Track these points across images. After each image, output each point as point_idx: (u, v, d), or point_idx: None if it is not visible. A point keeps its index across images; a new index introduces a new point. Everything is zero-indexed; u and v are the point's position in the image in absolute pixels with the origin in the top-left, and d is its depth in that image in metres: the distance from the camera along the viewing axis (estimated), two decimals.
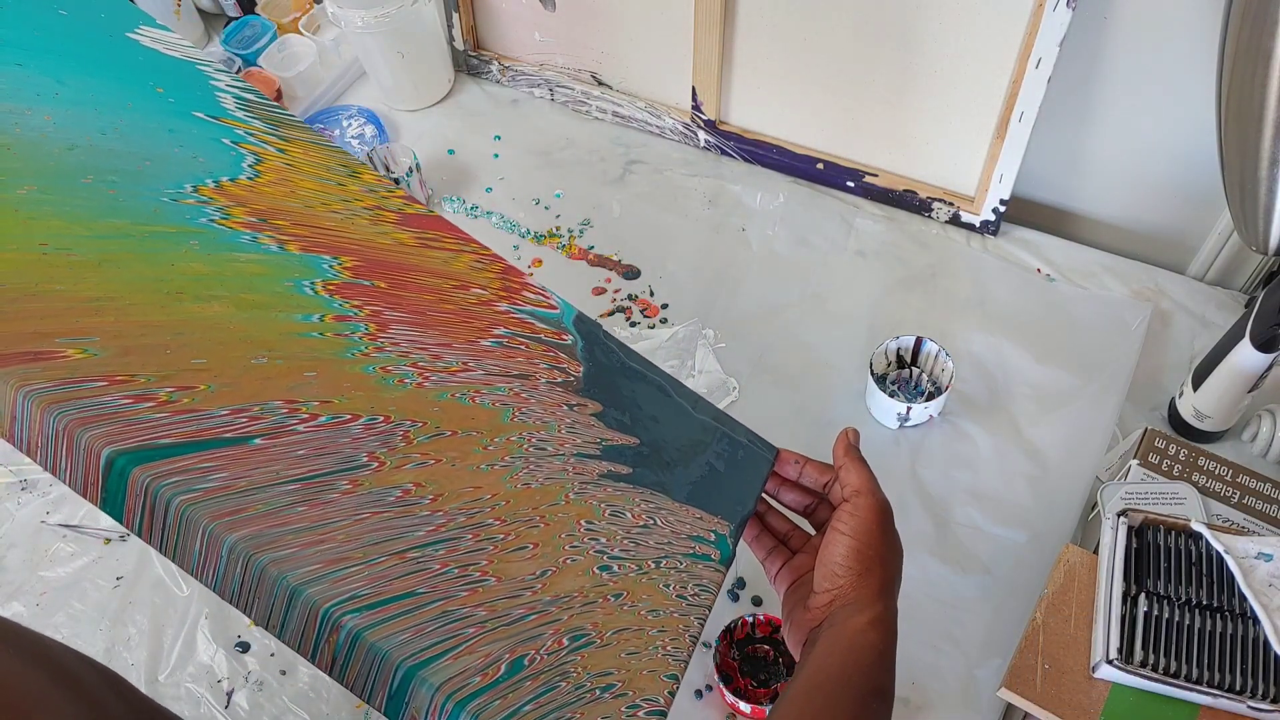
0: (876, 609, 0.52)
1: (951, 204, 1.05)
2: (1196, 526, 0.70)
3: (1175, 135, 0.94)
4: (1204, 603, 0.67)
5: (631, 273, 1.06)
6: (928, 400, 0.90)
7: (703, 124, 1.15)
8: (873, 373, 0.90)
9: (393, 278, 0.57)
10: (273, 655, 0.83)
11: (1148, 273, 1.02)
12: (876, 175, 1.08)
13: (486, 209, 1.13)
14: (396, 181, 1.06)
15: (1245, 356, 0.79)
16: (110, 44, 0.59)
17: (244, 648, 0.83)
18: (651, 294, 1.04)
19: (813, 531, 0.61)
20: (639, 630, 0.50)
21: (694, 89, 1.12)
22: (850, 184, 1.10)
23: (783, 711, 0.50)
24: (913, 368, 0.94)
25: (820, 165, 1.10)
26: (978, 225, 1.05)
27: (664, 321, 1.02)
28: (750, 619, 0.77)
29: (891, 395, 0.90)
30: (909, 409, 0.89)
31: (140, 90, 0.58)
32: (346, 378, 0.51)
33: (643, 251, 1.08)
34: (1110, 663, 0.65)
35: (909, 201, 1.08)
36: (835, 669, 0.51)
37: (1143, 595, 0.68)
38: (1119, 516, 0.72)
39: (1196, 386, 0.85)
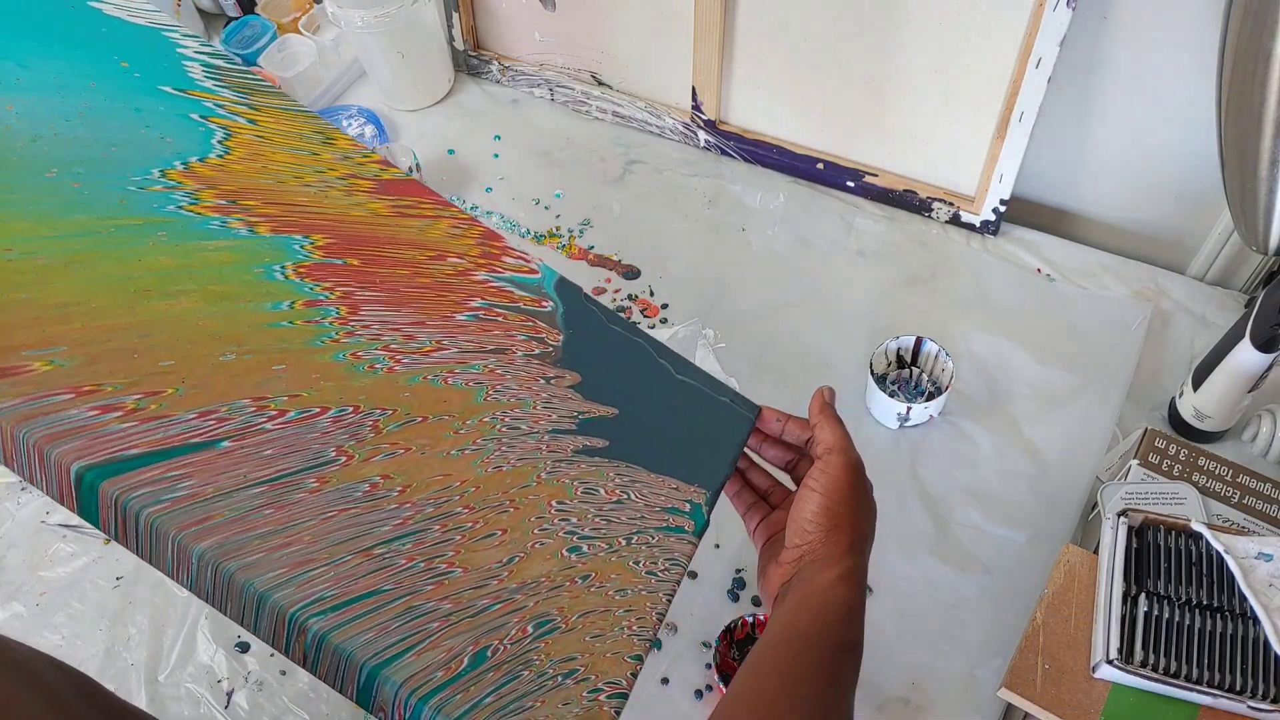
0: (845, 564, 0.52)
1: (951, 204, 1.05)
2: (1197, 526, 0.70)
3: (1175, 135, 0.94)
4: (1204, 603, 0.67)
5: (631, 273, 1.06)
6: (928, 400, 0.90)
7: (703, 124, 1.15)
8: (873, 373, 0.90)
9: (366, 254, 0.56)
10: (272, 655, 0.83)
11: (1148, 273, 1.02)
12: (876, 175, 1.08)
13: (487, 209, 1.13)
14: None
15: (1245, 356, 0.79)
16: (72, 15, 0.58)
17: (244, 648, 0.83)
18: (651, 294, 1.04)
19: (794, 487, 0.61)
20: (605, 612, 0.51)
21: (694, 89, 1.12)
22: (850, 184, 1.10)
23: (751, 665, 0.51)
24: (913, 368, 0.94)
25: (820, 165, 1.10)
26: (978, 225, 1.05)
27: (664, 321, 1.02)
28: (750, 619, 0.77)
29: (891, 395, 0.90)
30: (909, 409, 0.89)
31: (104, 66, 0.56)
32: (316, 368, 0.51)
33: (643, 251, 1.08)
34: (1110, 663, 0.65)
35: (909, 201, 1.08)
36: (804, 624, 0.51)
37: (1143, 595, 0.68)
38: (1119, 516, 0.72)
39: (1196, 386, 0.85)
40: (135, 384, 0.46)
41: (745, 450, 0.61)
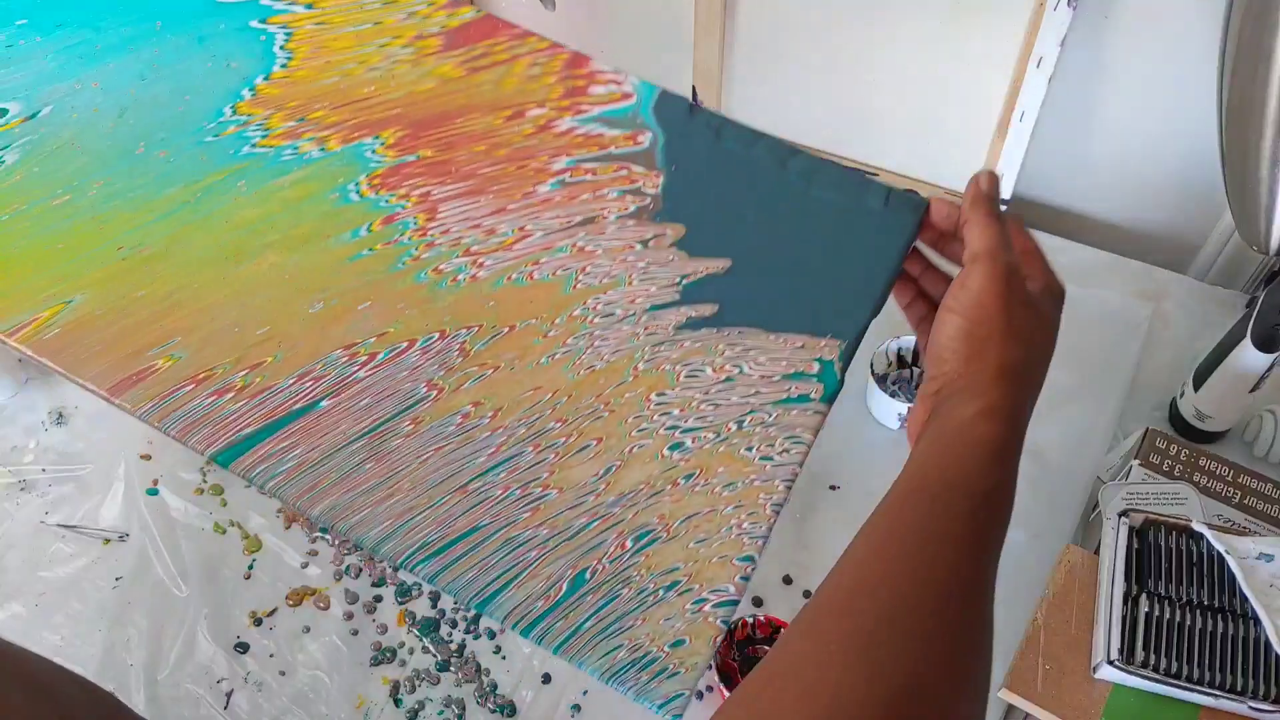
0: (990, 397, 0.42)
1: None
2: (1198, 527, 0.70)
3: (1176, 135, 0.94)
4: (1205, 603, 0.67)
5: None
6: None
7: None
8: (873, 373, 0.90)
9: (439, 139, 0.54)
10: (272, 656, 0.83)
11: (1148, 273, 1.01)
12: (877, 174, 1.08)
13: None
14: None
15: (1246, 356, 0.79)
16: None
17: (243, 648, 0.83)
18: None
19: None
20: (711, 512, 0.48)
21: (694, 88, 1.12)
22: None
23: (868, 526, 0.42)
24: (914, 368, 0.94)
25: None
26: None
27: None
28: (750, 620, 0.77)
29: (892, 395, 0.89)
30: (910, 409, 0.88)
31: None
32: (399, 296, 0.51)
33: None
34: (1111, 663, 0.65)
35: None
36: (932, 472, 0.42)
37: (1144, 596, 0.68)
38: (1120, 517, 0.71)
39: (1197, 387, 0.85)
40: (240, 360, 0.50)
41: (918, 246, 0.51)
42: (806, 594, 0.82)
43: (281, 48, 0.57)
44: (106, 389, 0.49)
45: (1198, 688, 0.64)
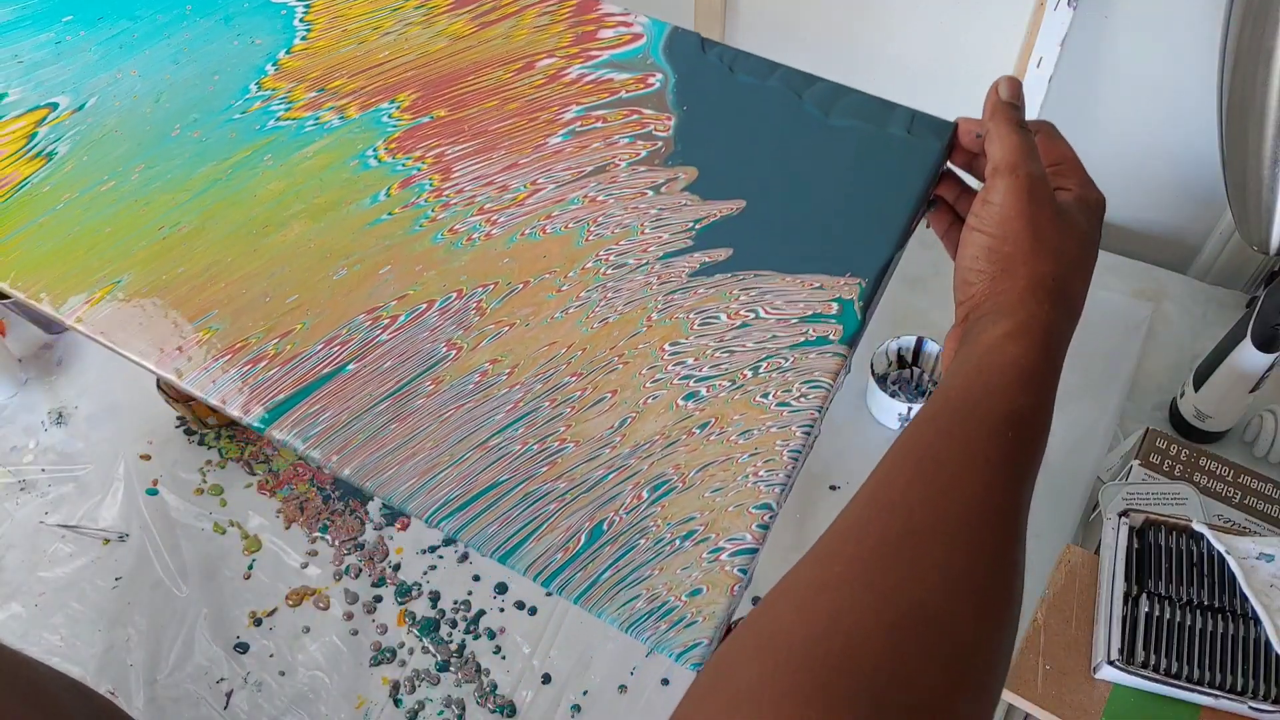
0: (1018, 317, 0.41)
1: None
2: (1198, 527, 0.70)
3: (1176, 134, 0.94)
4: (1205, 603, 0.67)
5: None
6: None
7: None
8: (873, 373, 0.90)
9: (451, 97, 0.56)
10: (272, 656, 0.83)
11: (1149, 272, 1.01)
12: None
13: None
14: None
15: (1247, 356, 0.79)
16: None
17: (243, 648, 0.83)
18: None
19: None
20: (726, 461, 0.47)
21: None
22: None
23: (893, 448, 0.41)
24: (914, 368, 0.94)
25: None
26: None
27: None
28: None
29: (893, 395, 0.89)
30: (910, 409, 0.88)
31: None
32: (418, 258, 0.53)
33: None
34: (1112, 663, 0.65)
35: None
36: (956, 393, 0.40)
37: (1144, 596, 0.68)
38: (1120, 517, 0.71)
39: (1198, 386, 0.85)
40: (272, 329, 0.52)
41: (951, 169, 0.48)
42: None
43: (301, 20, 0.60)
44: (153, 362, 0.51)
45: (1198, 688, 0.64)
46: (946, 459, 0.38)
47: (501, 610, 0.84)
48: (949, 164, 0.48)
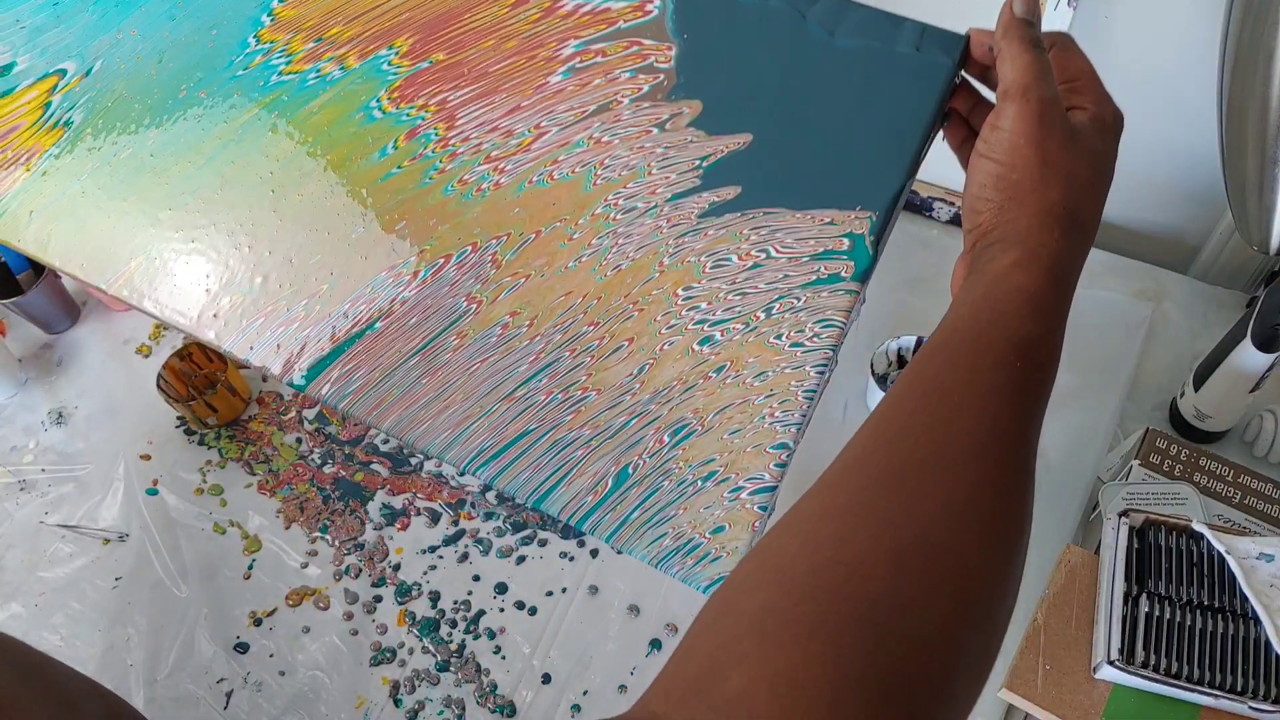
0: (1028, 245, 0.39)
1: (952, 204, 1.05)
2: (1198, 527, 0.70)
3: (1176, 134, 0.94)
4: (1205, 603, 0.67)
5: None
6: None
7: None
8: (873, 372, 0.90)
9: (449, 39, 0.55)
10: (272, 656, 0.83)
11: (1149, 272, 1.01)
12: None
13: None
14: None
15: (1247, 356, 0.79)
16: None
17: (243, 648, 0.83)
18: None
19: None
20: (743, 403, 0.48)
21: None
22: None
23: (899, 378, 0.40)
24: None
25: None
26: None
27: None
28: None
29: None
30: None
31: None
32: (430, 212, 0.53)
33: None
34: (1112, 663, 0.65)
35: (909, 201, 1.08)
36: (963, 321, 0.39)
37: (1144, 596, 0.68)
38: (1120, 517, 0.71)
39: (1198, 386, 0.85)
40: (299, 290, 0.54)
41: (965, 78, 0.46)
42: None
43: None
44: (191, 328, 0.53)
45: (1198, 688, 0.63)
46: (952, 388, 0.37)
47: (501, 610, 0.84)
48: (963, 74, 0.46)
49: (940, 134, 0.48)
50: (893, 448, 0.36)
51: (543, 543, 0.86)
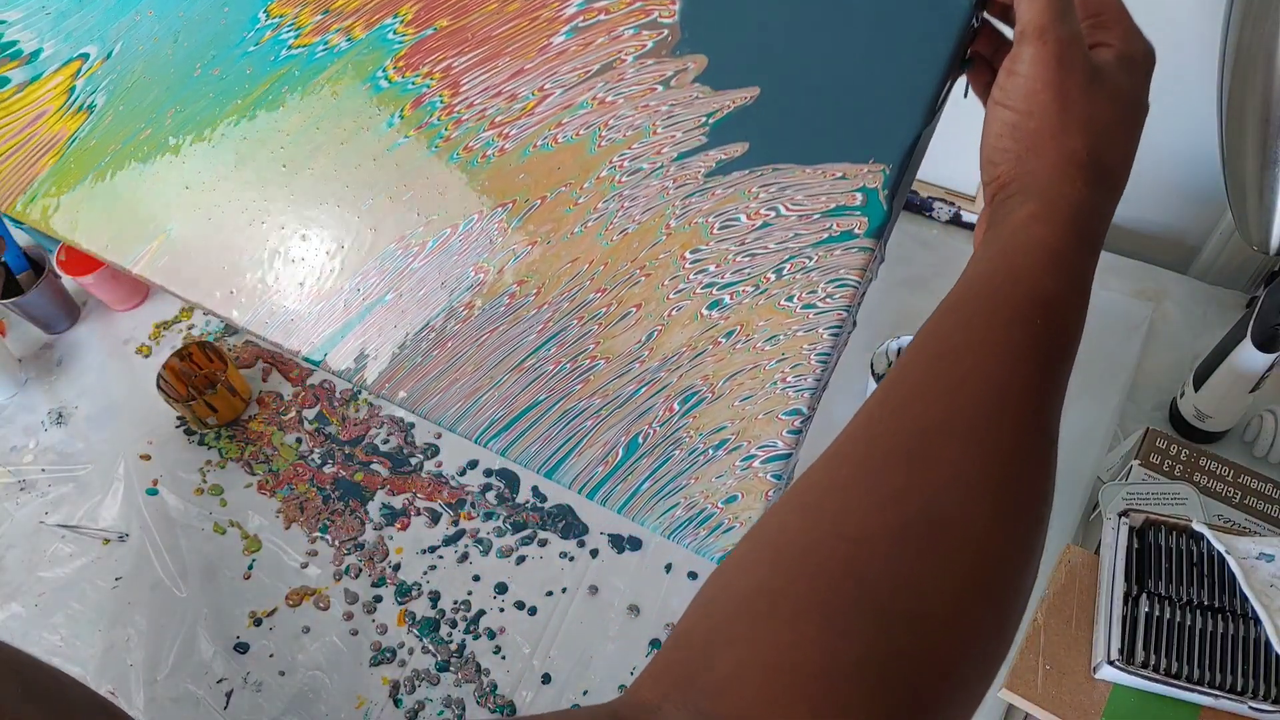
0: (1048, 196, 0.37)
1: (952, 204, 1.05)
2: (1198, 527, 0.70)
3: (1176, 135, 0.94)
4: (1205, 603, 0.67)
5: None
6: None
7: None
8: (873, 372, 0.90)
9: (453, 4, 0.54)
10: (271, 656, 0.83)
11: (1149, 272, 1.01)
12: None
13: None
14: None
15: (1247, 356, 0.79)
16: None
17: (243, 648, 0.83)
18: None
19: None
20: (754, 369, 0.47)
21: None
22: None
23: (913, 343, 0.38)
24: None
25: None
26: None
27: None
28: None
29: None
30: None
31: None
32: (437, 181, 0.53)
33: None
34: (1112, 663, 0.65)
35: (909, 201, 1.08)
36: (980, 278, 0.37)
37: (1144, 596, 0.68)
38: (1120, 517, 0.71)
39: (1198, 386, 0.85)
40: (312, 265, 0.54)
41: (986, 19, 0.43)
42: None
43: None
44: (213, 306, 0.54)
45: (1198, 688, 0.63)
46: (965, 349, 0.34)
47: (501, 610, 0.84)
48: (984, 16, 0.43)
49: (963, 82, 0.46)
50: (900, 416, 0.34)
51: (543, 543, 0.86)
